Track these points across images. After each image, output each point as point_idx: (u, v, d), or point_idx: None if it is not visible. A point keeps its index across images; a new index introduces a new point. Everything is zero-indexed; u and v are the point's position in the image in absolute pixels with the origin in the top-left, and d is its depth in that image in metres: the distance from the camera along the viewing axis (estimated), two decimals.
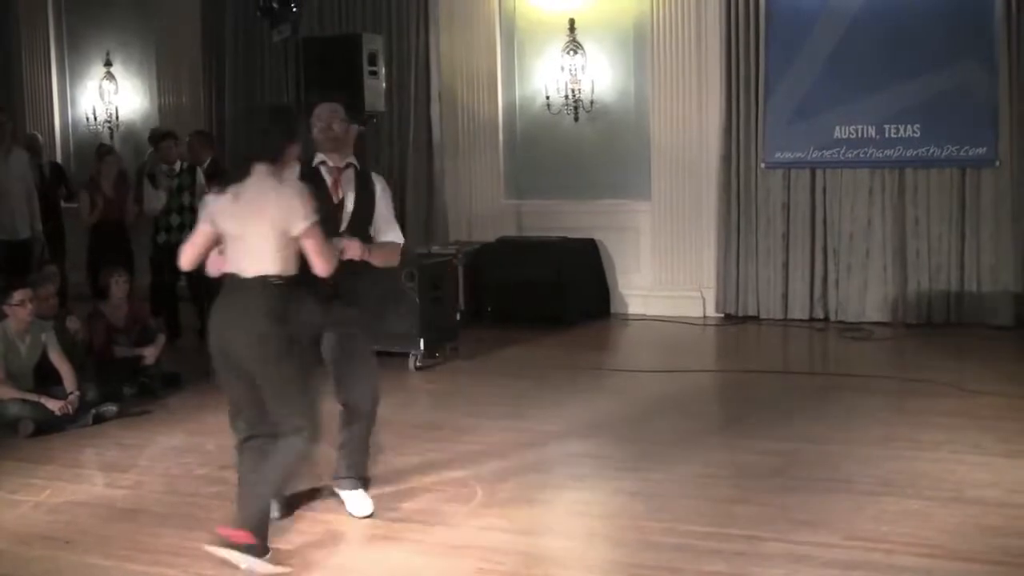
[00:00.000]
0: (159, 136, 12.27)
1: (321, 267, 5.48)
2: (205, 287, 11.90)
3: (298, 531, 6.08)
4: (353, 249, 5.77)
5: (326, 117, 6.16)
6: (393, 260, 6.13)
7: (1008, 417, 8.06)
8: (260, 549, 5.37)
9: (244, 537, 5.34)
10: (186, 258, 5.69)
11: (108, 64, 15.78)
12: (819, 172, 12.19)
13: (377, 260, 5.98)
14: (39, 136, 14.19)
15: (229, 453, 7.58)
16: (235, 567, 5.33)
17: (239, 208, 5.39)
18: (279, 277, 5.36)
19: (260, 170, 5.40)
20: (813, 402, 8.87)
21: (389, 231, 6.31)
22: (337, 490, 6.40)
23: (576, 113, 13.07)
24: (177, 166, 11.65)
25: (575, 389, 9.42)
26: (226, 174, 5.82)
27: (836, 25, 11.95)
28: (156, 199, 11.49)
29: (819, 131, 12.05)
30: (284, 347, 5.40)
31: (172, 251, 11.37)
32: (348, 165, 6.20)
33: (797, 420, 8.23)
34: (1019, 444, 7.36)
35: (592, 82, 13.01)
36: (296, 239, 5.35)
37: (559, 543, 5.74)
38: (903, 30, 11.70)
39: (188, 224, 11.43)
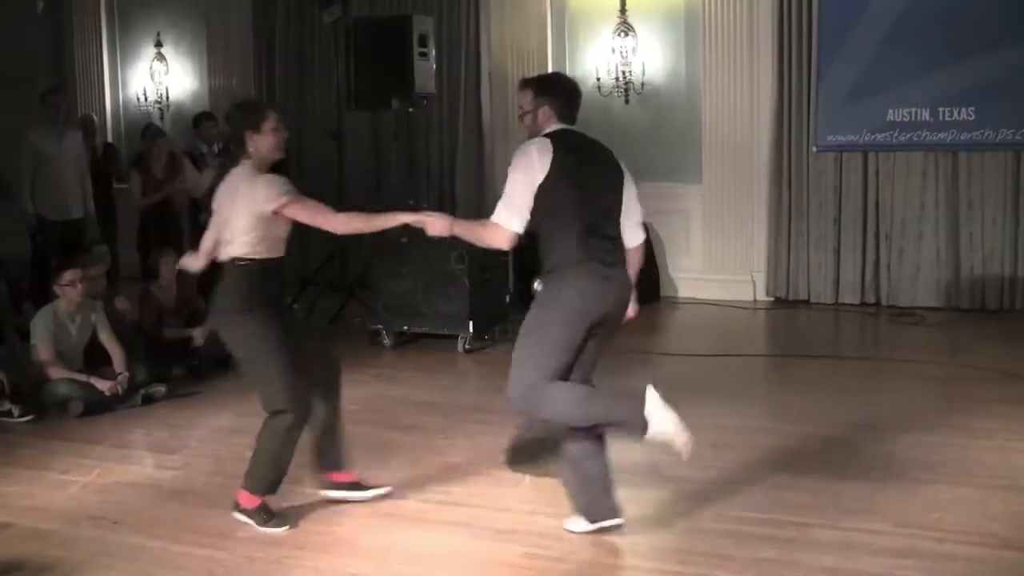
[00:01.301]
0: (198, 116, 12.25)
1: (334, 227, 5.78)
2: None
3: (347, 513, 6.08)
4: (435, 225, 5.61)
5: None
6: (483, 237, 5.58)
7: None
8: (263, 514, 5.82)
9: (249, 501, 5.85)
10: (202, 247, 6.03)
11: (159, 45, 15.83)
12: (871, 155, 12.07)
13: (466, 236, 5.75)
14: (94, 116, 14.25)
15: None
16: (278, 545, 5.35)
17: (221, 194, 5.81)
18: (244, 259, 5.62)
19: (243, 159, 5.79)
20: (864, 388, 8.81)
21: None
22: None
23: (627, 95, 13.00)
24: (216, 147, 11.62)
25: (624, 373, 9.37)
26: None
27: (890, 6, 11.80)
28: (200, 179, 11.45)
29: (872, 114, 11.93)
30: (250, 330, 5.64)
31: None
32: None
33: (847, 406, 8.17)
34: None
35: (643, 64, 12.94)
36: (273, 219, 5.61)
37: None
38: (958, 11, 11.54)
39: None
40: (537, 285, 5.60)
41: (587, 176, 5.47)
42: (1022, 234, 11.56)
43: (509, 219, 5.39)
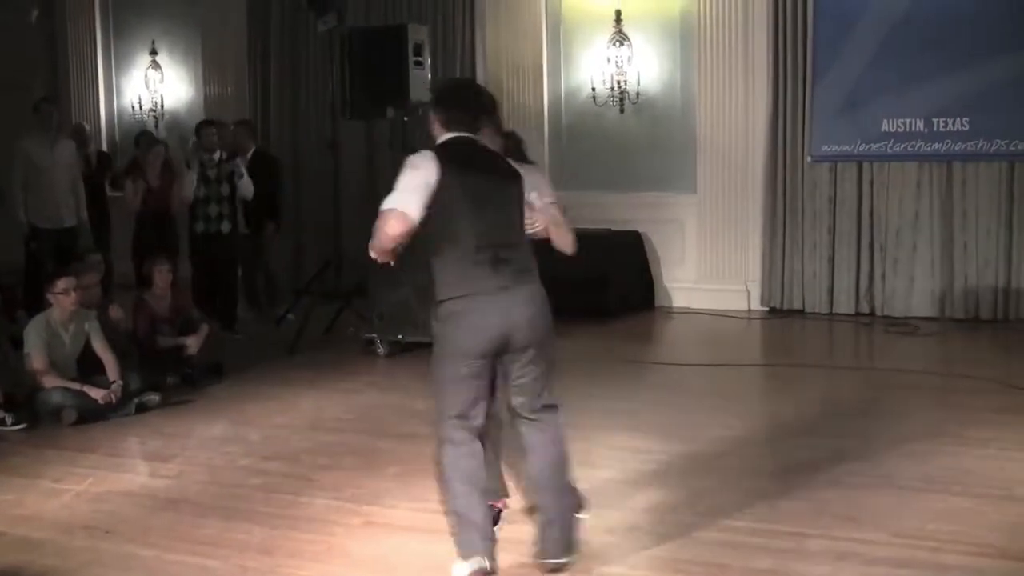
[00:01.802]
0: (200, 124, 12.21)
1: None
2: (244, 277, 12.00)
3: (341, 522, 6.07)
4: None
5: None
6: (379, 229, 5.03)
7: None
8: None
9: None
10: None
11: (154, 53, 15.84)
12: (866, 165, 12.08)
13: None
14: (86, 125, 14.24)
15: (272, 444, 7.66)
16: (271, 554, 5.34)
17: None
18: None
19: None
20: (858, 397, 8.81)
21: None
22: None
23: (622, 105, 13.01)
24: (216, 155, 11.59)
25: (618, 382, 9.38)
26: None
27: (884, 17, 11.82)
28: (189, 185, 11.44)
29: (866, 124, 11.94)
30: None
31: (210, 240, 11.46)
32: None
33: (842, 415, 8.17)
34: None
35: (638, 74, 12.94)
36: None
37: (601, 538, 5.68)
38: (952, 22, 11.55)
39: (226, 214, 11.43)
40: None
41: (477, 187, 5.03)
42: (1016, 244, 11.56)
43: (404, 203, 4.94)
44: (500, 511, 5.68)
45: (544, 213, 5.45)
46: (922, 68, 11.68)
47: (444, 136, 5.19)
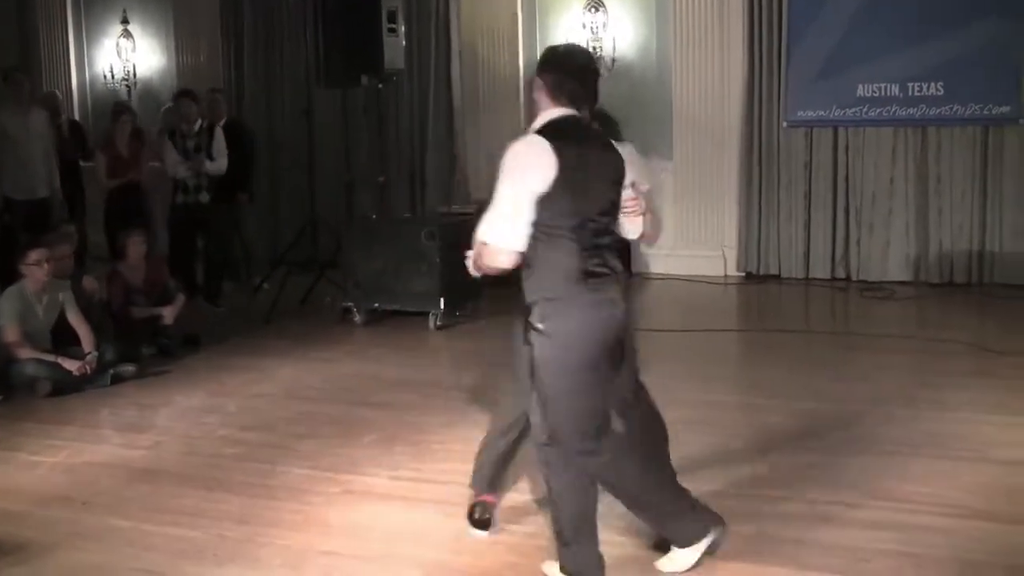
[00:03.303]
0: (178, 95, 12.08)
1: None
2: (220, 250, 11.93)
3: (319, 491, 6.06)
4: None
5: None
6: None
7: None
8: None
9: None
10: None
11: (125, 22, 15.72)
12: (841, 130, 12.09)
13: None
14: (58, 94, 14.14)
15: (249, 413, 7.65)
16: (249, 523, 5.33)
17: None
18: None
19: None
20: (835, 362, 8.84)
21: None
22: None
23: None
24: (196, 125, 11.50)
25: None
26: None
27: None
28: (179, 164, 11.35)
29: (842, 89, 11.94)
30: None
31: (189, 211, 11.40)
32: None
33: (819, 380, 8.18)
34: None
35: (614, 40, 12.90)
36: None
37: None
38: None
39: (204, 186, 11.36)
40: None
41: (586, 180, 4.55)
42: (990, 209, 11.60)
43: (509, 237, 4.48)
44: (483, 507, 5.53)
45: (645, 199, 5.14)
46: (897, 33, 11.68)
47: (552, 113, 4.64)
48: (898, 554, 5.04)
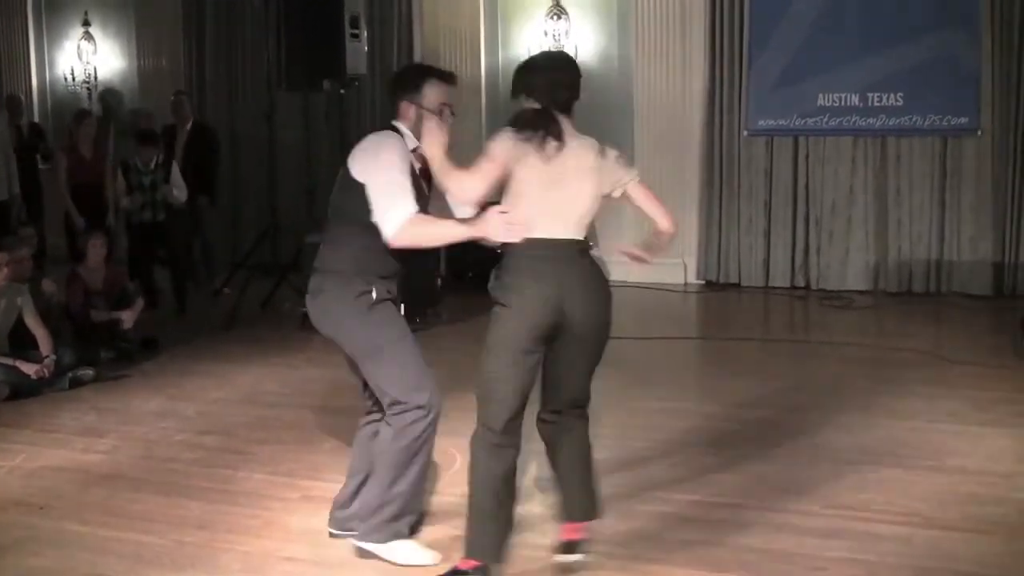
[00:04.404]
0: (141, 137, 11.76)
1: None
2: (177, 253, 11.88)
3: (278, 496, 6.06)
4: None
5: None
6: None
7: (986, 387, 8.10)
8: None
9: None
10: None
11: (86, 24, 15.64)
12: (802, 140, 12.18)
13: None
14: (20, 96, 14.06)
15: (209, 418, 7.62)
16: (207, 528, 5.31)
17: None
18: None
19: None
20: (793, 370, 8.89)
21: None
22: None
23: None
24: (152, 164, 11.36)
25: None
26: None
27: None
28: (123, 196, 11.33)
29: (802, 99, 12.03)
30: None
31: (146, 228, 11.35)
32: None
33: (777, 388, 8.23)
34: (997, 413, 7.40)
35: (575, 48, 12.92)
36: None
37: (538, 510, 5.71)
38: None
39: (160, 207, 11.31)
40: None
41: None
42: (948, 219, 11.71)
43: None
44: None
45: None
46: (857, 44, 11.79)
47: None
48: (852, 562, 5.07)
